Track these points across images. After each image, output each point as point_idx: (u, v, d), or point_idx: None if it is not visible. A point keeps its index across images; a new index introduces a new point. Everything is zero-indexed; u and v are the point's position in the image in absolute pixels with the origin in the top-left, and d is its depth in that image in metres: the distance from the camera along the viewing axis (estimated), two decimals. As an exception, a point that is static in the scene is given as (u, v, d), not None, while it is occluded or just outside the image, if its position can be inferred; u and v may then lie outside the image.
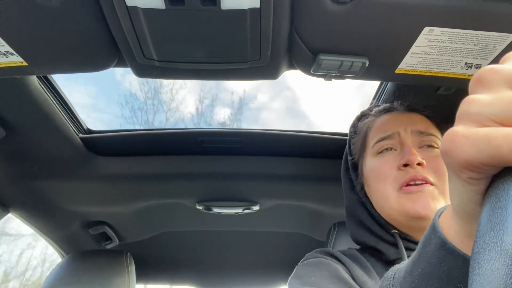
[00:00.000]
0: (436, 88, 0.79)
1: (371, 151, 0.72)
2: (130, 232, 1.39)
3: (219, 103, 2.91)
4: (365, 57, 0.61)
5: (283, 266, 1.54)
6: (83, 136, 1.02)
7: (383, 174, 0.67)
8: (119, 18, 0.54)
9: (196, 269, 1.61)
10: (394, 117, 0.74)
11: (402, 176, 0.65)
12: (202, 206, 1.20)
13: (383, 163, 0.69)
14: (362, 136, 0.77)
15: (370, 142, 0.74)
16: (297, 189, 1.16)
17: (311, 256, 0.71)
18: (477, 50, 0.59)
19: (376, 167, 0.70)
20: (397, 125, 0.71)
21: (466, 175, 0.25)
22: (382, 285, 0.42)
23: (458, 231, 0.31)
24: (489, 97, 0.25)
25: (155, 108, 2.47)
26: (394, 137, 0.70)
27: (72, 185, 1.10)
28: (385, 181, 0.67)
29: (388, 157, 0.69)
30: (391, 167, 0.67)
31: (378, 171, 0.69)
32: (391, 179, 0.66)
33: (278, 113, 3.56)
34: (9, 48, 0.58)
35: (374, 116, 0.78)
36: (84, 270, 1.15)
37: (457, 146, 0.25)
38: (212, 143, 1.05)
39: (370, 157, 0.72)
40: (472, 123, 0.25)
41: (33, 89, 0.80)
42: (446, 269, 0.32)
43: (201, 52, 0.61)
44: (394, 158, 0.68)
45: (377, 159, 0.70)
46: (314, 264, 0.66)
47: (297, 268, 0.68)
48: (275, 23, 0.56)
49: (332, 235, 1.10)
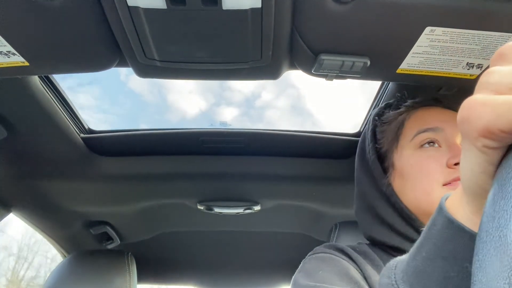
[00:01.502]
0: (437, 88, 0.78)
1: (411, 143, 0.68)
2: (132, 232, 1.39)
3: (223, 101, 2.92)
4: (367, 57, 0.61)
5: (284, 266, 1.54)
6: (85, 136, 1.02)
7: (429, 169, 0.64)
8: (121, 18, 0.54)
9: (197, 269, 1.61)
10: (438, 112, 0.70)
11: (450, 173, 0.63)
12: (203, 206, 1.20)
13: (429, 158, 0.65)
14: (396, 126, 0.72)
15: (408, 133, 0.69)
16: (298, 189, 1.16)
17: (320, 250, 0.68)
18: (479, 50, 0.59)
19: (420, 161, 0.66)
20: (443, 120, 0.67)
21: (482, 143, 0.25)
22: (384, 274, 0.41)
23: (465, 209, 0.31)
24: (509, 68, 0.25)
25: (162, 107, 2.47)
26: (438, 131, 0.66)
27: (73, 185, 1.10)
28: (429, 176, 0.64)
29: (433, 153, 0.65)
30: (438, 163, 0.64)
31: (422, 166, 0.65)
32: (438, 175, 0.63)
33: (283, 111, 3.57)
34: (10, 48, 0.58)
35: (409, 106, 0.73)
36: (85, 270, 1.16)
37: (476, 113, 0.25)
38: (214, 143, 1.05)
39: (409, 150, 0.68)
40: (492, 91, 0.25)
41: (35, 89, 0.80)
42: (452, 248, 0.31)
43: (202, 52, 0.61)
44: (441, 155, 0.64)
45: (420, 153, 0.66)
46: (323, 259, 0.64)
47: (304, 262, 0.66)
48: (276, 23, 0.56)
49: (333, 235, 1.10)
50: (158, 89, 2.66)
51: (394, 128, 0.72)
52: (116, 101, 3.27)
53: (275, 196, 1.19)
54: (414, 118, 0.70)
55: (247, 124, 1.23)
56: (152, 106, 3.25)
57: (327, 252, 0.66)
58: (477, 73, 0.63)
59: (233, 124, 1.19)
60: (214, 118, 2.75)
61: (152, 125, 1.11)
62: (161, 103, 3.47)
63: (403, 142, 0.69)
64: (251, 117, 2.68)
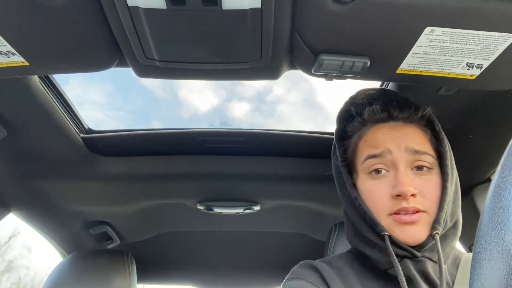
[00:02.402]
0: (437, 88, 0.78)
1: (362, 167, 0.70)
2: (131, 232, 1.39)
3: (234, 97, 2.92)
4: (366, 57, 0.61)
5: (284, 266, 1.54)
6: (84, 136, 1.02)
7: (376, 200, 0.66)
8: (121, 18, 0.54)
9: (197, 269, 1.61)
10: (387, 131, 0.70)
11: (394, 204, 0.64)
12: (203, 206, 1.20)
13: (376, 188, 0.67)
14: (353, 145, 0.74)
15: (360, 156, 0.71)
16: (298, 189, 1.16)
17: (292, 276, 0.70)
18: (479, 50, 0.59)
19: (369, 190, 0.68)
20: (390, 141, 0.68)
21: None
22: None
23: None
24: None
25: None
26: (385, 155, 0.67)
27: (73, 185, 1.10)
28: (377, 206, 0.66)
29: (381, 182, 0.67)
30: (384, 194, 0.65)
31: (370, 195, 0.67)
32: (384, 206, 0.65)
33: (295, 106, 3.54)
34: (10, 48, 0.58)
35: (365, 122, 0.73)
36: (85, 270, 1.16)
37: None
38: (213, 143, 1.05)
39: (362, 173, 0.70)
40: None
41: (34, 89, 0.80)
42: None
43: (202, 52, 0.61)
44: (387, 183, 0.66)
45: (370, 182, 0.68)
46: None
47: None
48: (276, 23, 0.56)
49: (333, 235, 1.10)
50: (170, 86, 2.67)
51: (352, 146, 0.74)
52: (128, 98, 3.28)
53: (274, 196, 1.19)
54: (365, 139, 0.71)
55: (259, 119, 1.22)
56: (163, 102, 3.23)
57: (298, 277, 0.69)
58: (477, 73, 0.63)
59: (245, 120, 1.18)
60: (226, 114, 2.76)
61: (164, 122, 1.11)
62: (173, 99, 3.45)
63: (357, 164, 0.71)
64: (263, 112, 2.67)
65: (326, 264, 0.70)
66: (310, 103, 4.64)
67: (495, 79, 0.65)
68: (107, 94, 3.42)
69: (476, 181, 1.04)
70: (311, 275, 0.68)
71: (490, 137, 0.90)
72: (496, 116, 0.85)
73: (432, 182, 0.66)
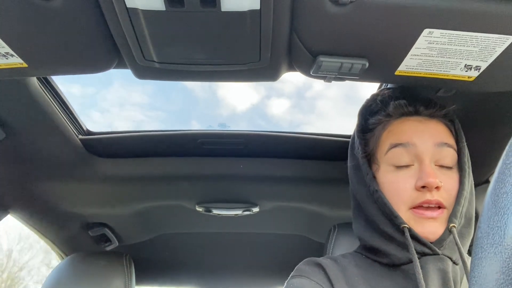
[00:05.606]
0: (436, 90, 0.79)
1: (385, 158, 0.69)
2: (130, 234, 1.39)
3: (273, 93, 2.89)
4: (365, 59, 0.61)
5: (283, 268, 1.54)
6: (83, 137, 1.02)
7: (398, 191, 0.65)
8: (119, 20, 0.54)
9: (195, 271, 1.61)
10: (413, 124, 0.69)
11: (417, 196, 0.63)
12: (202, 207, 1.20)
13: (400, 179, 0.66)
14: (375, 136, 0.73)
15: (383, 147, 0.70)
16: (297, 191, 1.16)
17: (297, 273, 0.69)
18: (477, 52, 0.59)
19: (391, 182, 0.67)
20: (416, 135, 0.67)
21: None
22: None
23: None
24: None
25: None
26: (409, 147, 0.66)
27: (72, 186, 1.10)
28: (398, 198, 0.65)
29: (404, 174, 0.66)
30: (408, 186, 0.65)
31: (392, 186, 0.66)
32: (406, 197, 0.64)
33: (335, 101, 3.51)
34: (9, 50, 0.58)
35: (390, 115, 0.72)
36: (83, 272, 1.15)
37: None
38: (213, 145, 1.05)
39: (384, 165, 0.69)
40: None
41: (33, 90, 0.80)
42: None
43: (201, 53, 0.61)
44: (411, 175, 0.65)
45: (392, 174, 0.67)
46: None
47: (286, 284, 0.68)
48: (275, 25, 0.56)
49: (332, 237, 1.10)
50: (209, 85, 2.67)
51: (374, 138, 0.73)
52: (169, 98, 3.28)
53: (273, 197, 1.19)
54: (389, 130, 0.71)
55: (299, 116, 1.20)
56: (202, 101, 3.23)
57: (303, 275, 0.67)
58: (475, 75, 0.63)
59: (284, 116, 1.16)
60: (265, 111, 2.75)
61: (203, 121, 1.11)
62: (212, 98, 3.44)
63: (379, 155, 0.71)
64: (302, 109, 2.65)
65: (331, 261, 0.69)
66: (351, 99, 4.63)
67: (493, 80, 0.65)
68: (148, 94, 3.47)
69: (475, 183, 1.04)
70: (316, 273, 0.67)
71: (489, 139, 0.90)
72: (494, 118, 0.85)
73: (453, 178, 0.66)
